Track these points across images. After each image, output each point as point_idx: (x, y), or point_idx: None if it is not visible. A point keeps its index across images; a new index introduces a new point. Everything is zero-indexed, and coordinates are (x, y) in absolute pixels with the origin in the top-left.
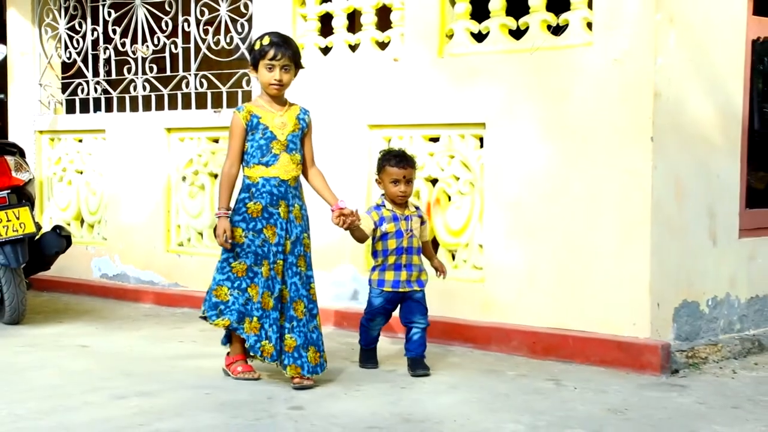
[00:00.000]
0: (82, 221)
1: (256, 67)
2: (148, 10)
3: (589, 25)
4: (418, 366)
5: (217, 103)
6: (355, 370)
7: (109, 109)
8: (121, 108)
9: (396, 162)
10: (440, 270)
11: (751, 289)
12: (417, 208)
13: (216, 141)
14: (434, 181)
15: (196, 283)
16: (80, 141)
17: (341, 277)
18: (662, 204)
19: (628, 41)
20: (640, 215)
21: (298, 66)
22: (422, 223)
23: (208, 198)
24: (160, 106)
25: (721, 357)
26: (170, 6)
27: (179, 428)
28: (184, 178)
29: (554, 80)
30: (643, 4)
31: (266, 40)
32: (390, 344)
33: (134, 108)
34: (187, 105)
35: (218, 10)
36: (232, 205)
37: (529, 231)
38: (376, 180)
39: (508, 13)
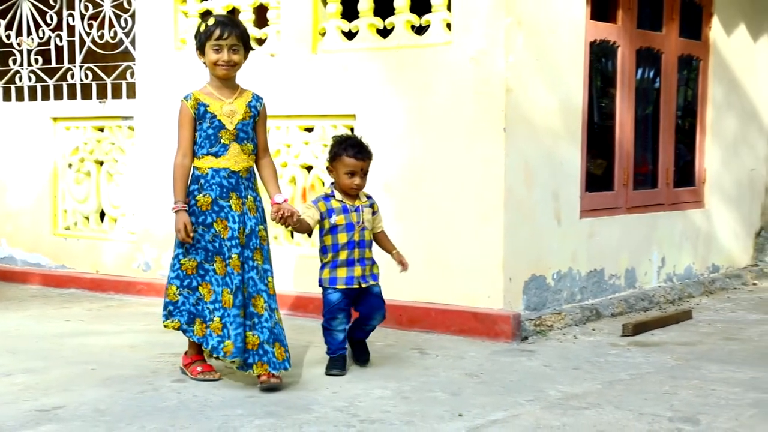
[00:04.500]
0: None
1: (203, 51)
2: (32, 4)
3: (449, 26)
4: (363, 352)
5: (102, 94)
6: None
7: None
8: (7, 98)
9: (354, 153)
10: (401, 263)
11: (590, 264)
12: (369, 197)
13: (101, 130)
14: (309, 168)
15: (82, 265)
16: None
17: None
18: (514, 189)
19: (482, 41)
20: (494, 199)
21: (247, 48)
22: (374, 213)
23: (94, 184)
24: (46, 97)
25: (565, 324)
26: (55, 1)
27: (65, 403)
28: (70, 165)
29: (417, 76)
30: (495, 8)
31: (211, 21)
32: None
33: (20, 98)
34: (72, 95)
35: (102, 6)
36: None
37: (398, 214)
38: (328, 168)
39: (376, 13)
